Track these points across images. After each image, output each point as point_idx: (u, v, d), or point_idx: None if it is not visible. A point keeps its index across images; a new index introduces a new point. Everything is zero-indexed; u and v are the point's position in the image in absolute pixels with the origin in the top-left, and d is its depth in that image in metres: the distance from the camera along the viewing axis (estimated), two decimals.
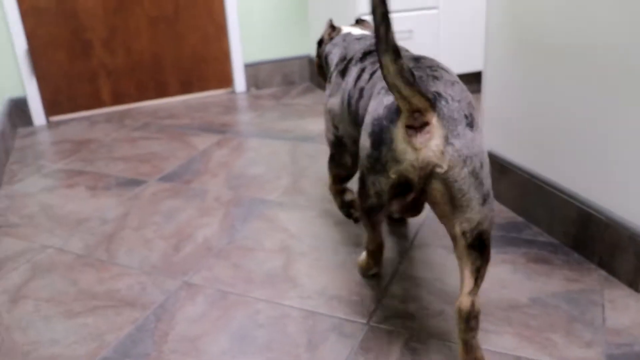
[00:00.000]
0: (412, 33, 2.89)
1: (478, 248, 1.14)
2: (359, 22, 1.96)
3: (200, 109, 3.18)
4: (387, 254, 1.72)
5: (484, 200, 1.12)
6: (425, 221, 1.90)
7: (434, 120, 1.08)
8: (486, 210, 1.12)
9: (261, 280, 1.64)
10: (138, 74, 3.27)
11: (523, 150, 1.84)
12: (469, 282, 1.15)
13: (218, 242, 1.86)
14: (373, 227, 1.42)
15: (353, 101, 1.45)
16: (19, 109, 3.10)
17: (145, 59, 3.26)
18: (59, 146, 2.79)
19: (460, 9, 2.95)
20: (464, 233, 1.13)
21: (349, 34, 1.80)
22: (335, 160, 1.75)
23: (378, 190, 1.19)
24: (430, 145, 1.07)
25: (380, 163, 1.14)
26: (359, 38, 1.72)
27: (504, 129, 1.91)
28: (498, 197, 1.97)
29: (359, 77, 1.46)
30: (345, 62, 1.62)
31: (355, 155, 1.69)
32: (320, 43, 1.91)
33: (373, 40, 1.63)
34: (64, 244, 1.91)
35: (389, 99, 1.14)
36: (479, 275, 1.16)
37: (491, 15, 1.86)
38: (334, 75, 1.65)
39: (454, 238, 1.15)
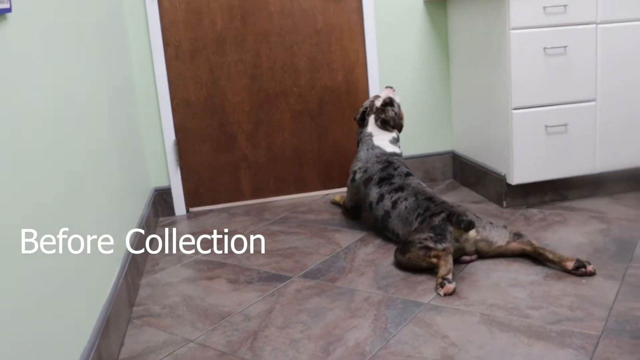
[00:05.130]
0: (567, 127, 2.69)
1: (518, 235, 2.21)
2: (384, 107, 2.77)
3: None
4: None
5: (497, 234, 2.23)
6: None
7: None
8: (498, 231, 2.23)
9: None
10: (279, 167, 3.25)
11: None
12: (527, 243, 2.17)
13: (371, 346, 1.67)
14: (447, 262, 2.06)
15: (378, 213, 2.50)
16: (162, 199, 3.13)
17: (286, 153, 3.24)
18: (199, 237, 2.76)
19: (620, 102, 2.73)
20: (508, 242, 2.20)
21: (370, 140, 2.72)
22: (349, 211, 2.81)
23: (445, 246, 2.10)
24: (472, 232, 2.16)
25: (444, 237, 2.12)
26: (378, 156, 2.65)
27: None
28: None
29: (379, 199, 2.49)
30: (367, 176, 2.60)
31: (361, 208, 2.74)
32: (360, 122, 2.83)
33: (385, 162, 2.61)
34: (206, 338, 1.80)
35: (434, 220, 2.18)
36: (522, 237, 2.21)
37: None
38: (358, 179, 2.65)
39: (504, 249, 2.20)
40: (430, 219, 2.19)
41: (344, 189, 3.31)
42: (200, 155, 3.16)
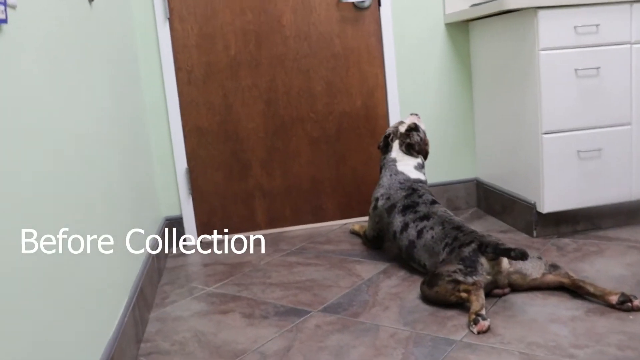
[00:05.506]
0: (601, 152, 2.54)
1: (554, 267, 2.04)
2: (409, 132, 2.63)
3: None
4: None
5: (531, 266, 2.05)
6: None
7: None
8: (533, 262, 2.06)
9: None
10: (295, 196, 3.11)
11: None
12: (564, 275, 2.00)
13: None
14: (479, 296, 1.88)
15: (402, 244, 2.34)
16: (173, 229, 3.00)
17: (303, 181, 3.11)
18: (212, 268, 2.61)
19: None
20: (544, 274, 2.03)
21: (394, 165, 2.58)
22: (370, 240, 2.66)
23: (475, 281, 1.94)
24: (505, 263, 2.00)
25: (474, 270, 1.97)
26: (402, 182, 2.50)
27: None
28: None
29: (404, 228, 2.34)
30: (390, 204, 2.46)
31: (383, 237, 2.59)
32: (384, 149, 2.69)
33: (409, 189, 2.46)
34: None
35: (464, 250, 2.02)
36: (559, 268, 2.03)
37: None
38: (381, 206, 2.50)
39: (539, 281, 2.03)
40: (459, 250, 2.04)
41: (364, 219, 3.16)
42: (213, 184, 3.03)
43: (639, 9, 2.50)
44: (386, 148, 2.66)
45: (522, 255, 1.87)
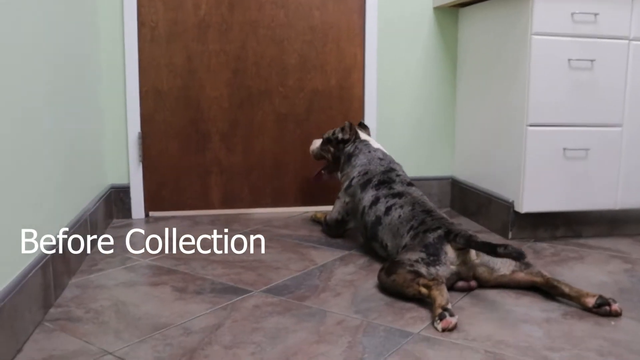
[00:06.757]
0: (588, 152, 2.34)
1: (526, 264, 1.81)
2: (362, 125, 2.63)
3: None
4: None
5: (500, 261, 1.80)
6: None
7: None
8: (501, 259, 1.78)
9: None
10: (255, 176, 2.86)
11: None
12: (537, 274, 1.78)
13: None
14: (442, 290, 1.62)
15: (368, 219, 2.13)
16: (118, 199, 2.73)
17: (265, 161, 2.86)
18: (153, 241, 2.35)
19: None
20: (514, 271, 1.80)
21: (368, 144, 2.42)
22: (331, 226, 2.41)
23: (436, 275, 1.72)
24: (472, 254, 1.78)
25: (437, 259, 1.75)
26: (382, 158, 2.34)
27: None
28: None
29: (374, 202, 2.13)
30: (365, 179, 2.25)
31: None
32: (343, 141, 2.48)
33: (388, 166, 2.29)
34: (129, 352, 1.39)
35: (428, 236, 1.80)
36: (531, 267, 1.82)
37: None
38: (355, 183, 2.28)
39: (508, 278, 1.80)
40: (423, 235, 1.81)
41: (327, 207, 2.91)
42: (166, 154, 2.77)
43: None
44: (354, 134, 2.47)
45: (520, 255, 1.59)
